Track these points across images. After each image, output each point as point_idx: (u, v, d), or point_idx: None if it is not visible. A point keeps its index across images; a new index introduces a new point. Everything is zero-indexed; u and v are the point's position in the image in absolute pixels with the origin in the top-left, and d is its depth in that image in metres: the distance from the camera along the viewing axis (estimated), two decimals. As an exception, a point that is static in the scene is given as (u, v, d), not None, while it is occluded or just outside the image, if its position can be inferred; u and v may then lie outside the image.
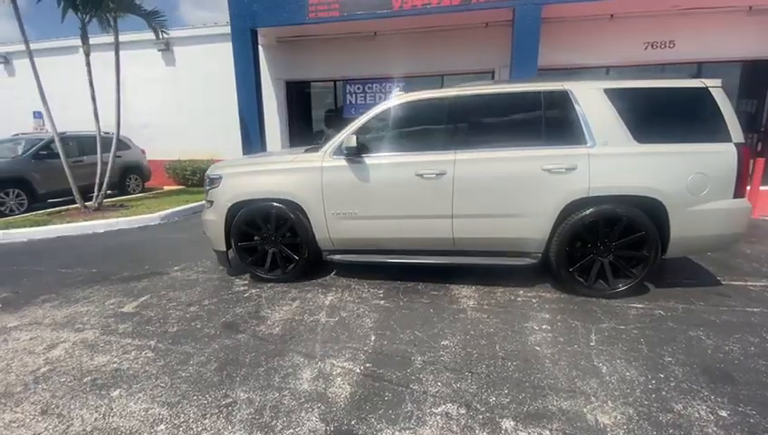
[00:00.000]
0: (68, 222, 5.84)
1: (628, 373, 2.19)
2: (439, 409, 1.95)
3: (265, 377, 2.24)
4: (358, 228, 3.38)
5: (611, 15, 7.96)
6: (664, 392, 2.03)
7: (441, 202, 3.18)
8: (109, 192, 8.82)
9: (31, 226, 5.62)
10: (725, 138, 2.89)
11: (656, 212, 2.96)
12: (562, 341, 2.54)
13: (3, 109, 12.18)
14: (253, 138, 8.76)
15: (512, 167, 3.08)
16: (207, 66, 10.48)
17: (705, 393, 2.01)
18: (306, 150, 3.72)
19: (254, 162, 3.75)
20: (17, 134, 8.26)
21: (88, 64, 6.86)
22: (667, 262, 3.68)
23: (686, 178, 2.89)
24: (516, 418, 1.88)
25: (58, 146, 6.48)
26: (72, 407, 2.04)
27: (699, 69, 8.13)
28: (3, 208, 6.70)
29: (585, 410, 1.92)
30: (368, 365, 2.33)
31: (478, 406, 1.97)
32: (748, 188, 3.68)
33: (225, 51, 8.96)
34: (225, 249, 3.62)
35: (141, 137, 10.71)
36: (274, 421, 1.89)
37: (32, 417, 1.97)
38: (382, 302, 3.19)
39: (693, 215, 2.93)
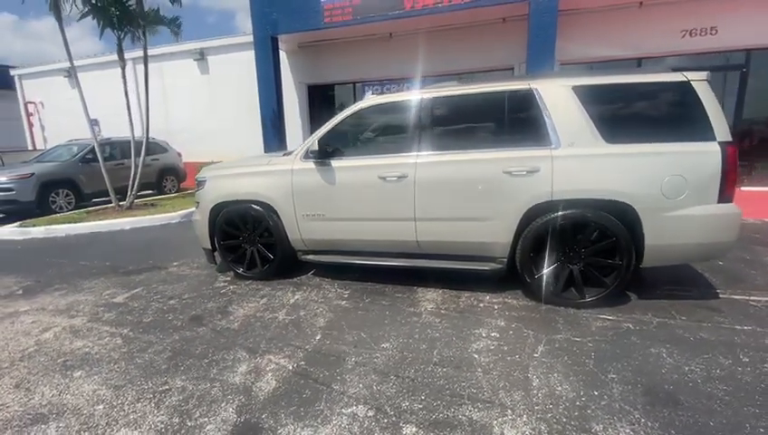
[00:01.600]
0: (101, 219, 6.50)
1: (559, 388, 2.07)
2: (349, 410, 1.98)
3: (206, 368, 2.39)
4: (326, 230, 3.47)
5: (640, 3, 7.37)
6: (589, 411, 1.90)
7: (403, 205, 3.17)
8: (148, 192, 9.71)
9: (70, 223, 6.33)
10: (709, 136, 2.62)
11: (628, 218, 2.75)
12: (506, 350, 2.45)
13: (68, 117, 13.73)
14: (273, 139, 9.17)
15: (472, 169, 3.00)
16: (237, 73, 11.10)
17: (637, 416, 1.86)
18: (284, 154, 3.88)
19: (236, 166, 3.97)
20: (71, 140, 9.28)
21: (123, 76, 7.54)
22: (662, 271, 3.40)
23: (660, 181, 2.65)
24: (420, 425, 1.86)
25: (97, 152, 7.21)
26: (39, 383, 2.32)
27: (748, 57, 7.29)
28: (53, 206, 7.60)
29: (495, 422, 1.86)
30: (301, 363, 2.41)
31: (388, 410, 1.97)
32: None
33: (253, 58, 9.44)
34: (210, 247, 3.87)
35: (180, 141, 11.57)
36: (195, 410, 2.03)
37: (5, 389, 2.27)
38: (343, 302, 3.25)
39: (669, 221, 2.68)
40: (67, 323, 3.09)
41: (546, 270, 2.98)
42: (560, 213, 2.84)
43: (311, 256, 3.62)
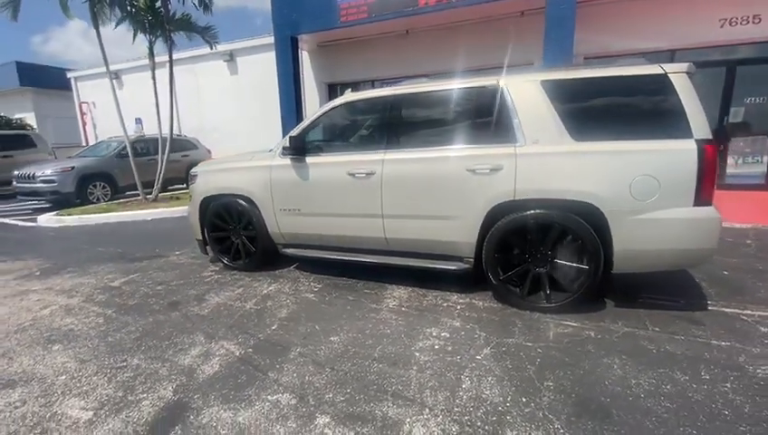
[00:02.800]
0: (127, 210, 7.05)
1: (487, 392, 2.02)
2: (274, 397, 2.05)
3: (164, 349, 2.56)
4: (302, 224, 3.56)
5: (672, -10, 6.80)
6: (509, 417, 1.84)
7: (371, 201, 3.19)
8: (178, 186, 10.35)
9: (100, 213, 6.91)
10: (685, 133, 2.41)
11: (595, 220, 2.60)
12: (449, 350, 2.41)
13: (115, 115, 14.92)
14: (292, 138, 9.43)
15: (436, 167, 2.96)
16: (264, 73, 11.49)
17: (557, 426, 1.78)
18: (270, 151, 4.01)
19: (226, 161, 4.16)
20: (111, 137, 10.09)
21: (153, 78, 8.10)
22: (652, 277, 3.17)
23: (628, 182, 2.48)
24: (335, 416, 1.89)
25: (128, 148, 7.81)
26: (21, 354, 2.59)
27: (798, 46, 6.52)
28: (91, 197, 8.33)
29: (408, 420, 1.85)
30: (249, 350, 2.51)
31: (311, 400, 2.02)
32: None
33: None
34: (201, 238, 4.09)
35: (212, 139, 12.20)
36: (140, 386, 2.18)
37: None
38: (311, 296, 3.33)
39: (639, 225, 2.50)
40: (65, 302, 3.41)
41: (511, 272, 2.88)
42: (522, 213, 2.74)
43: (290, 250, 3.74)
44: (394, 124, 3.17)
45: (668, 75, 2.46)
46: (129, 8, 7.66)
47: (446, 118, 3.12)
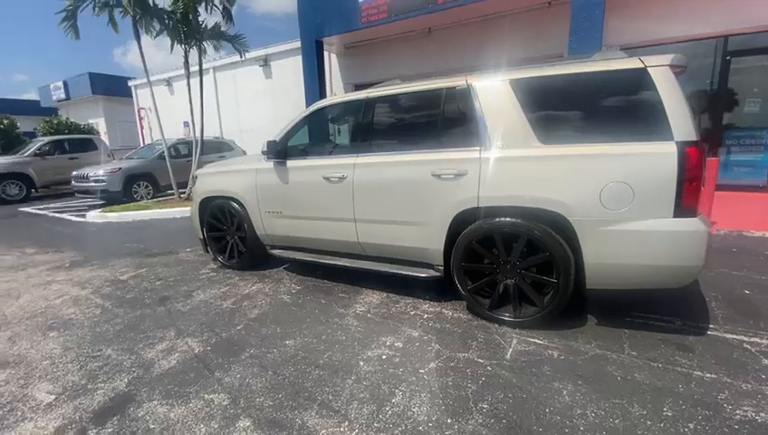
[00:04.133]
0: (161, 208, 7.63)
1: (416, 409, 1.93)
2: (210, 396, 2.12)
3: (136, 342, 2.75)
4: (284, 226, 3.64)
5: (722, -32, 6.01)
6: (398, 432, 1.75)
7: (345, 205, 3.18)
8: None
9: (138, 210, 7.56)
10: (664, 135, 2.13)
11: (564, 231, 2.38)
12: (396, 362, 2.34)
13: (168, 120, 16.20)
14: (317, 139, 9.67)
15: (403, 171, 2.88)
16: (295, 75, 11.83)
17: (472, 451, 1.66)
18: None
19: (224, 164, 4.35)
20: (157, 140, 10.97)
21: (188, 84, 8.68)
22: (654, 294, 2.84)
23: (598, 189, 2.24)
24: (256, 421, 1.92)
25: (165, 151, 8.47)
26: (23, 338, 2.91)
27: None
28: (135, 196, 9.13)
29: (323, 431, 1.83)
30: (207, 349, 2.61)
31: (241, 401, 2.06)
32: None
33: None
34: (202, 237, 4.33)
35: (249, 141, 12.84)
36: (102, 375, 2.36)
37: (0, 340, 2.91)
38: (286, 297, 3.39)
39: (611, 237, 2.26)
40: (76, 293, 3.78)
41: (478, 283, 2.74)
42: (487, 221, 2.58)
43: (276, 251, 3.84)
44: (366, 128, 3.13)
45: (648, 70, 2.19)
46: (166, 21, 8.26)
47: (415, 120, 3.03)
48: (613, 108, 2.35)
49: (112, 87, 20.35)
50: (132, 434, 1.88)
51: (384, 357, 2.40)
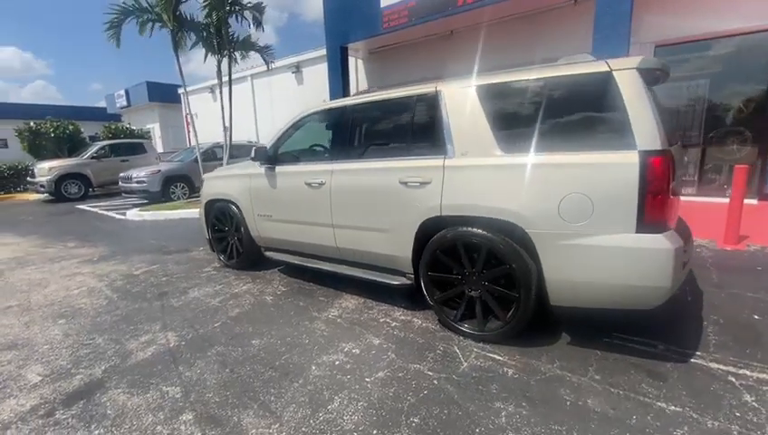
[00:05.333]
0: (190, 208, 8.17)
1: (347, 418, 1.94)
2: (168, 388, 2.26)
3: (125, 333, 2.98)
4: (273, 229, 3.77)
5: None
6: (346, 447, 1.76)
7: (323, 211, 3.24)
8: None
9: (170, 210, 8.15)
10: (627, 144, 1.97)
11: (525, 243, 2.27)
12: (347, 368, 2.35)
13: (211, 124, 17.29)
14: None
15: (374, 178, 2.89)
16: (325, 82, 12.18)
17: (386, 466, 1.64)
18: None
19: (228, 169, 4.58)
20: (199, 144, 11.73)
21: (221, 93, 9.22)
22: (647, 312, 2.63)
23: (557, 200, 2.11)
24: (198, 415, 2.02)
25: (197, 154, 9.06)
26: (36, 324, 3.26)
27: None
28: (173, 196, 9.84)
29: (253, 431, 1.89)
30: (182, 343, 2.78)
31: (192, 396, 2.18)
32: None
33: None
34: (208, 237, 4.60)
35: (281, 144, 13.36)
36: (85, 362, 2.59)
37: (17, 325, 3.26)
38: (269, 298, 3.51)
39: (569, 251, 2.12)
40: (93, 284, 4.17)
41: (443, 293, 2.68)
42: (450, 231, 2.52)
43: (269, 253, 3.99)
44: (343, 135, 3.18)
45: (613, 73, 2.04)
46: (202, 33, 8.85)
47: (388, 128, 3.02)
48: (577, 115, 2.20)
49: (166, 94, 22.04)
50: (90, 418, 2.06)
51: (337, 363, 2.43)
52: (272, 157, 3.63)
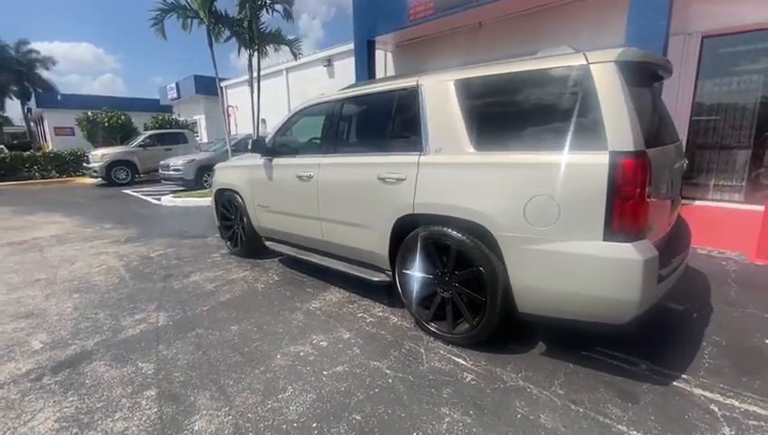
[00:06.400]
0: (217, 196, 8.58)
1: (292, 408, 1.98)
2: (143, 364, 2.41)
3: (125, 310, 3.20)
4: (270, 220, 3.87)
5: None
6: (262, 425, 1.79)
7: (312, 204, 3.28)
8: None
9: (199, 197, 8.60)
10: (599, 144, 1.81)
11: (492, 246, 2.17)
12: (309, 360, 2.39)
13: (249, 117, 18.00)
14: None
15: (355, 173, 2.87)
16: (353, 75, 12.29)
17: (314, 459, 1.65)
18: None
19: (234, 160, 4.75)
20: (237, 135, 12.28)
21: (251, 84, 9.55)
22: (645, 327, 2.44)
23: (523, 202, 1.99)
24: (160, 391, 2.14)
25: (227, 145, 9.48)
26: (55, 296, 3.58)
27: None
28: (205, 184, 10.37)
29: (204, 411, 1.98)
30: (169, 323, 2.95)
31: (161, 374, 2.31)
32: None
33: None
34: (218, 224, 4.81)
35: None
36: (83, 335, 2.82)
37: (39, 296, 3.61)
38: (261, 286, 3.62)
39: (534, 257, 2.00)
40: (113, 263, 4.51)
41: (416, 293, 2.63)
42: (421, 230, 2.46)
43: (269, 243, 4.11)
44: (331, 129, 3.18)
45: (590, 66, 1.88)
46: (235, 28, 9.20)
47: (372, 122, 2.99)
48: (551, 111, 2.05)
49: (210, 87, 23.07)
50: (70, 385, 2.24)
51: (302, 354, 2.47)
52: (270, 149, 3.72)
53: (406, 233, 2.61)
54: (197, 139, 21.53)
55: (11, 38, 27.21)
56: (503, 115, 2.21)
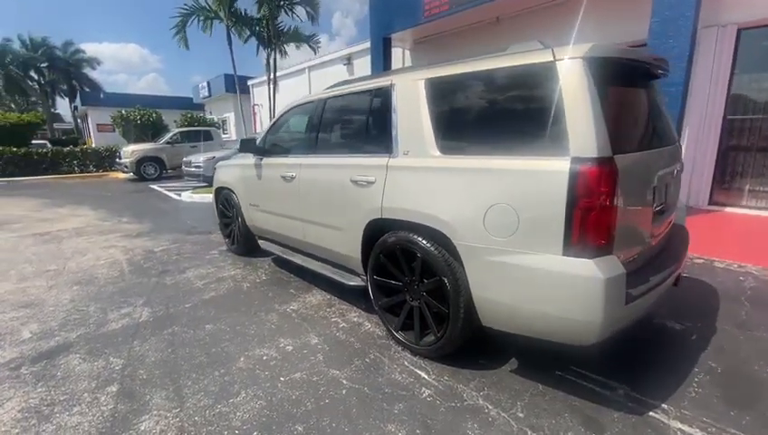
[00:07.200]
0: (232, 193, 8.79)
1: (239, 414, 1.95)
2: (112, 359, 2.47)
3: (114, 304, 3.31)
4: (260, 219, 3.89)
5: None
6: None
7: (294, 204, 3.26)
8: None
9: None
10: (563, 149, 1.65)
11: (455, 255, 2.04)
12: (270, 365, 2.36)
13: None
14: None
15: (331, 175, 2.81)
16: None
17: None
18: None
19: (233, 158, 4.80)
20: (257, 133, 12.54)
21: (268, 84, 9.70)
22: (640, 349, 2.26)
23: (483, 210, 1.86)
24: (121, 389, 2.18)
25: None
26: (57, 287, 3.77)
27: None
28: (224, 180, 10.68)
29: (155, 411, 1.99)
30: (150, 319, 3.01)
31: (128, 369, 2.36)
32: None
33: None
34: (219, 221, 4.91)
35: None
36: (70, 326, 2.94)
37: (41, 286, 3.80)
38: (247, 285, 3.64)
39: (493, 268, 1.86)
40: (118, 257, 4.69)
41: (387, 299, 2.54)
42: (389, 235, 2.37)
43: (261, 242, 4.13)
44: (312, 129, 3.14)
45: (556, 63, 1.71)
46: (254, 28, 9.38)
47: (349, 123, 2.90)
48: (516, 113, 1.89)
49: (241, 86, 23.89)
50: (42, 376, 2.33)
51: (264, 358, 2.44)
52: (259, 148, 3.73)
53: (377, 237, 2.53)
54: (227, 136, 22.33)
55: (70, 40, 29.07)
56: (467, 117, 2.08)
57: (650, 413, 1.88)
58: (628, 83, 2.02)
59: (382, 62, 9.54)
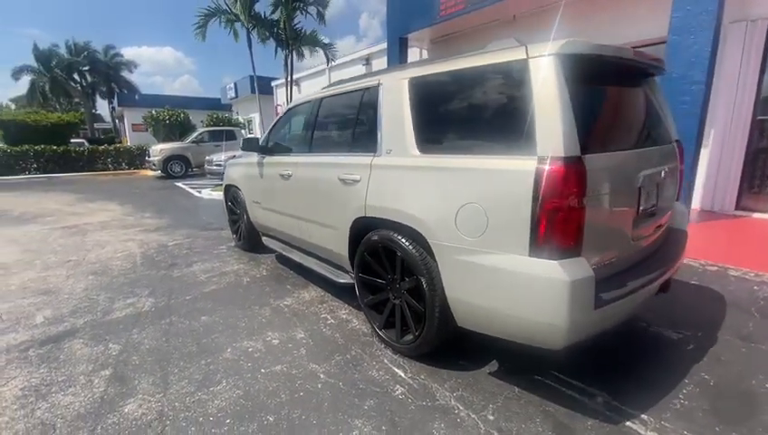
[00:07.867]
0: (249, 191, 9.04)
1: (216, 402, 2.02)
2: (110, 345, 2.62)
3: (122, 293, 3.49)
4: (262, 216, 4.00)
5: None
6: (203, 426, 1.84)
7: (290, 201, 3.34)
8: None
9: (233, 190, 9.13)
10: (529, 148, 1.61)
11: (431, 253, 2.04)
12: (255, 357, 2.43)
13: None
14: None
15: (323, 173, 2.86)
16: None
17: (211, 455, 1.68)
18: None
19: (240, 157, 4.95)
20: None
21: (286, 85, 9.91)
22: (636, 353, 2.20)
23: (454, 209, 1.84)
24: (113, 373, 2.31)
25: (262, 141, 9.96)
26: (74, 277, 4.01)
27: None
28: (243, 179, 10.99)
29: (141, 395, 2.09)
30: (152, 310, 3.16)
31: (123, 355, 2.49)
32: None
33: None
34: (228, 218, 5.07)
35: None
36: (78, 312, 3.13)
37: (62, 276, 4.06)
38: (247, 279, 3.75)
39: (464, 268, 1.85)
40: (134, 250, 4.94)
41: (372, 297, 2.56)
42: (373, 233, 2.39)
43: (264, 239, 4.24)
44: (307, 128, 3.20)
45: (529, 61, 1.68)
46: (273, 30, 9.61)
47: (339, 122, 2.94)
48: (490, 111, 1.86)
49: (263, 87, 24.38)
50: (47, 359, 2.49)
51: (250, 350, 2.52)
52: (262, 147, 3.84)
53: (362, 235, 2.55)
54: (252, 136, 22.93)
55: (111, 44, 30.81)
56: (445, 116, 2.07)
57: (627, 423, 1.81)
58: (612, 81, 1.95)
59: (398, 62, 9.56)
